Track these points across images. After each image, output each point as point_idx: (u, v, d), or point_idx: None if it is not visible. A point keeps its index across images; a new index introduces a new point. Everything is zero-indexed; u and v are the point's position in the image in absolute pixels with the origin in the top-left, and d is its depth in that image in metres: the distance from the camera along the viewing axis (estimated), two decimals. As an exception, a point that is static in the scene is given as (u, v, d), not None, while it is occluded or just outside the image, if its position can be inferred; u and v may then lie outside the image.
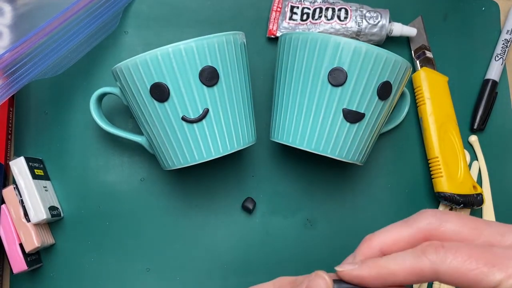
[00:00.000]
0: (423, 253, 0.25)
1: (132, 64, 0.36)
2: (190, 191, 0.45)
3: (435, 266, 0.24)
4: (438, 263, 0.24)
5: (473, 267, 0.24)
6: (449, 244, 0.25)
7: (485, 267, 0.24)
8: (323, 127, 0.38)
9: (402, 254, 0.26)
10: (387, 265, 0.26)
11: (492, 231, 0.26)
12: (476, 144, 0.48)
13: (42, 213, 0.41)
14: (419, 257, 0.25)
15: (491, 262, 0.24)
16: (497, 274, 0.24)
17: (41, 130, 0.45)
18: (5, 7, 0.40)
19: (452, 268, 0.24)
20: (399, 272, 0.25)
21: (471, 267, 0.24)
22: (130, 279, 0.44)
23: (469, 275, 0.24)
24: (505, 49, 0.50)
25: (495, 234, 0.26)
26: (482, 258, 0.24)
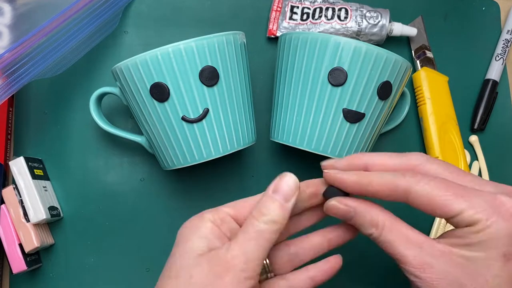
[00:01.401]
0: (402, 174, 0.28)
1: (132, 64, 0.36)
2: (190, 191, 0.45)
3: (408, 185, 0.27)
4: (412, 184, 0.27)
5: (441, 193, 0.27)
6: (429, 173, 0.28)
7: (452, 196, 0.26)
8: (323, 127, 0.38)
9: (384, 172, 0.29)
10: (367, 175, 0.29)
11: (472, 180, 0.29)
12: (477, 144, 0.48)
13: (42, 213, 0.41)
14: (397, 175, 0.28)
15: (459, 193, 0.27)
16: (461, 203, 0.26)
17: (41, 130, 0.45)
18: (5, 7, 0.40)
19: (422, 191, 0.27)
20: (375, 183, 0.29)
21: (440, 194, 0.27)
22: (130, 279, 0.44)
23: (436, 199, 0.27)
24: (505, 49, 0.50)
25: (474, 184, 0.28)
26: (452, 189, 0.27)
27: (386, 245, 0.29)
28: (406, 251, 0.27)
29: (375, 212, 0.29)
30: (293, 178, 0.29)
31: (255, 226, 0.28)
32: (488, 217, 0.26)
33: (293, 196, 0.29)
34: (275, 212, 0.28)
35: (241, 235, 0.28)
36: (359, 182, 0.29)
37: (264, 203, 0.28)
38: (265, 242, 0.28)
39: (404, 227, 0.28)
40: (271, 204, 0.28)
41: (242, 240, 0.28)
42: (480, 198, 0.26)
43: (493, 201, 0.26)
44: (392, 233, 0.28)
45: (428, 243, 0.27)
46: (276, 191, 0.29)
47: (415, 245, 0.27)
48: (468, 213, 0.26)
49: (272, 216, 0.28)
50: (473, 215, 0.26)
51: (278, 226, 0.28)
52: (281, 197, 0.29)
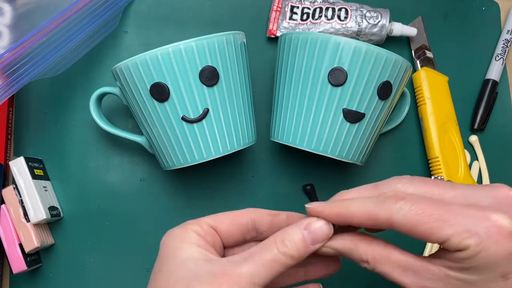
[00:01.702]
0: (383, 201, 0.26)
1: (132, 64, 0.36)
2: (190, 191, 0.45)
3: (390, 215, 0.26)
4: (394, 213, 0.26)
5: (425, 220, 0.25)
6: (410, 196, 0.26)
7: (437, 222, 0.25)
8: (323, 127, 0.38)
9: (365, 200, 0.28)
10: (347, 207, 0.28)
11: (456, 193, 0.27)
12: (477, 144, 0.48)
13: (42, 213, 0.41)
14: (378, 204, 0.26)
15: (443, 218, 0.25)
16: (446, 229, 0.24)
17: (41, 130, 0.45)
18: (5, 7, 0.40)
19: (406, 218, 0.25)
20: (356, 215, 0.27)
21: (424, 220, 0.25)
22: (130, 279, 0.44)
23: (420, 227, 0.25)
24: (505, 49, 0.50)
25: (458, 196, 0.27)
26: (436, 213, 0.25)
27: (382, 275, 0.28)
28: (402, 278, 0.27)
29: (362, 249, 0.28)
30: (329, 226, 0.28)
31: (273, 254, 0.27)
32: (477, 242, 0.24)
33: (321, 242, 0.28)
34: (298, 248, 0.27)
35: (256, 256, 0.27)
36: (340, 214, 0.28)
37: (291, 234, 0.28)
38: (274, 272, 0.27)
39: (395, 254, 0.27)
40: (297, 240, 0.28)
41: (255, 261, 0.27)
42: (466, 219, 0.25)
43: (482, 222, 0.24)
44: (384, 265, 0.27)
45: (423, 267, 0.27)
46: (307, 229, 0.28)
47: (410, 271, 0.27)
48: (456, 240, 0.24)
49: (294, 251, 0.27)
50: (461, 242, 0.24)
51: (293, 263, 0.28)
52: (311, 237, 0.28)
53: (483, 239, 0.24)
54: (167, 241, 0.30)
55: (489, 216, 0.24)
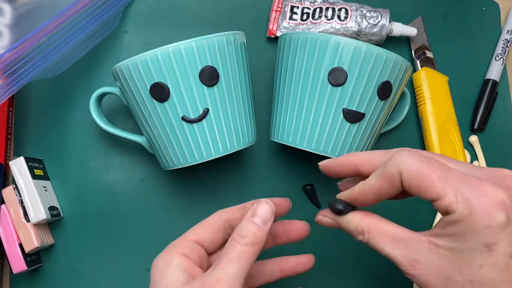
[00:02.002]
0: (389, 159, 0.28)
1: (132, 64, 0.36)
2: (190, 191, 0.45)
3: (399, 166, 0.27)
4: (400, 163, 0.27)
5: (428, 174, 0.26)
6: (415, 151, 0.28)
7: (437, 177, 0.26)
8: (323, 127, 0.38)
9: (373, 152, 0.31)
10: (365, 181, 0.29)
11: (458, 166, 0.28)
12: (477, 144, 0.48)
13: (42, 213, 0.41)
14: (386, 163, 0.28)
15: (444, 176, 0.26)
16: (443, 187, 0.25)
17: (41, 130, 0.45)
18: (5, 7, 0.40)
19: (411, 170, 0.26)
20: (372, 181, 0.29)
21: (426, 173, 0.26)
22: (130, 279, 0.44)
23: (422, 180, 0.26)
24: (505, 49, 0.50)
25: (460, 167, 0.28)
26: (438, 170, 0.26)
27: (376, 248, 0.29)
28: (395, 251, 0.28)
29: (358, 220, 0.30)
30: (268, 204, 0.31)
31: (236, 248, 0.29)
32: (466, 206, 0.25)
33: (270, 220, 0.31)
34: (254, 233, 0.30)
35: (224, 259, 0.29)
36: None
37: (244, 226, 0.30)
38: (246, 263, 0.29)
39: (389, 227, 0.29)
40: (250, 226, 0.30)
41: (225, 263, 0.29)
42: (462, 183, 0.25)
43: (475, 189, 0.25)
44: (378, 236, 0.29)
45: (414, 238, 0.27)
46: (254, 215, 0.31)
47: (403, 243, 0.28)
48: (445, 201, 0.25)
49: (252, 237, 0.30)
50: (450, 205, 0.25)
51: (257, 247, 0.30)
52: (259, 220, 0.31)
53: (472, 205, 0.25)
54: (154, 267, 0.31)
55: (484, 185, 0.25)
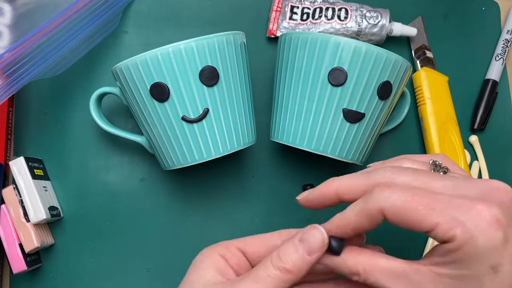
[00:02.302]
0: (370, 194, 0.26)
1: (132, 64, 0.36)
2: (190, 191, 0.45)
3: (379, 206, 0.25)
4: (383, 202, 0.25)
5: (414, 207, 0.24)
6: (396, 186, 0.26)
7: (425, 209, 0.24)
8: (323, 127, 0.38)
9: (354, 202, 0.27)
10: (343, 215, 0.27)
11: (445, 183, 0.26)
12: (477, 144, 0.48)
13: (42, 213, 0.41)
14: (366, 199, 0.26)
15: (430, 205, 0.24)
16: (434, 218, 0.24)
17: (41, 130, 0.45)
18: (5, 7, 0.40)
19: (395, 207, 0.25)
20: (351, 217, 0.27)
21: (412, 207, 0.24)
22: (130, 279, 0.44)
23: (410, 215, 0.24)
24: (505, 49, 0.50)
25: (447, 186, 0.26)
26: (424, 201, 0.24)
27: (375, 285, 0.27)
28: (395, 286, 0.26)
29: (351, 261, 0.27)
30: (322, 232, 0.27)
31: (267, 270, 0.27)
32: (463, 231, 0.23)
33: (318, 252, 0.27)
34: (294, 262, 0.27)
35: (252, 275, 0.27)
36: (339, 227, 0.28)
37: (286, 250, 0.27)
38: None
39: (384, 262, 0.26)
40: (292, 253, 0.27)
41: (251, 279, 0.27)
42: (453, 209, 0.24)
43: (468, 212, 0.24)
44: (374, 275, 0.26)
45: (413, 270, 0.26)
46: (302, 241, 0.27)
47: (403, 276, 0.26)
48: (442, 229, 0.24)
49: (290, 265, 0.27)
50: (447, 232, 0.24)
51: (292, 277, 0.27)
52: (306, 249, 0.27)
53: (470, 229, 0.23)
54: (195, 259, 0.31)
55: (476, 205, 0.24)
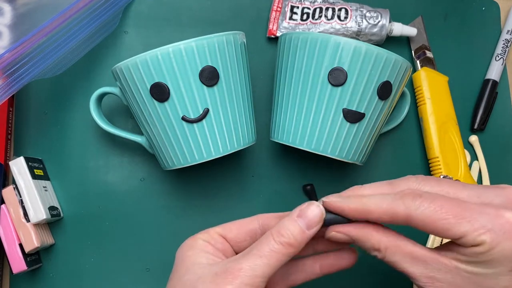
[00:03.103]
0: (401, 198, 0.28)
1: (132, 64, 0.36)
2: (190, 191, 0.45)
3: (408, 212, 0.27)
4: (412, 209, 0.27)
5: (443, 217, 0.26)
6: (427, 194, 0.27)
7: (454, 218, 0.26)
8: (323, 127, 0.38)
9: (383, 196, 0.29)
10: (366, 203, 0.29)
11: (469, 193, 0.28)
12: (477, 144, 0.48)
13: (42, 213, 0.41)
14: (396, 200, 0.28)
15: (460, 215, 0.26)
16: (463, 226, 0.26)
17: (41, 130, 0.45)
18: (5, 7, 0.40)
19: (424, 215, 0.27)
20: (374, 211, 0.28)
21: (441, 217, 0.26)
22: (130, 279, 0.44)
23: (438, 223, 0.26)
24: (505, 49, 0.50)
25: (472, 195, 0.28)
26: (453, 210, 0.26)
27: (391, 264, 0.29)
28: (412, 268, 0.28)
29: (375, 238, 0.29)
30: (320, 208, 0.29)
31: (270, 245, 0.28)
32: (492, 238, 0.26)
33: (316, 226, 0.29)
34: (294, 236, 0.28)
35: (254, 250, 0.28)
36: (357, 210, 0.29)
37: (286, 225, 0.29)
38: (275, 262, 0.28)
39: (407, 245, 0.28)
40: (293, 228, 0.28)
41: (254, 255, 0.28)
42: (482, 217, 0.26)
43: (496, 219, 0.26)
44: (395, 254, 0.28)
45: (433, 258, 0.28)
46: (300, 216, 0.29)
47: (421, 261, 0.28)
48: (471, 236, 0.26)
49: (290, 239, 0.28)
50: (477, 237, 0.26)
51: (293, 250, 0.28)
52: (304, 223, 0.29)
53: (498, 235, 0.26)
54: (178, 252, 0.31)
55: (503, 214, 0.26)
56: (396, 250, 0.28)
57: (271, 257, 0.28)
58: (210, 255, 0.30)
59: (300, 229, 0.29)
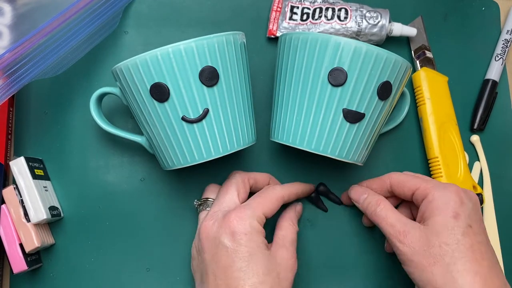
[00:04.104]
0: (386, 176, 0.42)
1: (132, 64, 0.36)
2: (190, 191, 0.45)
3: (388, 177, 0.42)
4: (391, 175, 0.42)
5: (407, 179, 0.40)
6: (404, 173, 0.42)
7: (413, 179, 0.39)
8: (323, 127, 0.38)
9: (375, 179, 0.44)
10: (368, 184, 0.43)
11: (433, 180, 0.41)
12: (478, 144, 0.48)
13: (42, 213, 0.41)
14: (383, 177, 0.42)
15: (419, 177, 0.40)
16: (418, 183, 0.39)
17: (41, 130, 0.45)
18: (5, 7, 0.41)
19: (397, 178, 0.41)
20: (371, 182, 0.43)
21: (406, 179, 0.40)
22: (130, 279, 0.44)
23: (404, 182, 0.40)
24: (505, 49, 0.50)
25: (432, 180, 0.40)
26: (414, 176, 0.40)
27: (382, 218, 0.39)
28: (396, 222, 0.38)
29: (380, 197, 0.41)
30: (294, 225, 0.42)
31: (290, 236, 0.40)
32: (436, 190, 0.37)
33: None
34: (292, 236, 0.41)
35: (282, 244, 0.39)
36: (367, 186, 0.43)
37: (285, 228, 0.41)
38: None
39: (396, 211, 0.39)
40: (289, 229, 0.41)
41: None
42: (432, 181, 0.39)
43: (441, 184, 0.38)
44: (388, 211, 0.39)
45: (409, 221, 0.38)
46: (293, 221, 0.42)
47: (402, 221, 0.38)
48: (422, 188, 0.38)
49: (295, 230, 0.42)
50: (426, 189, 0.38)
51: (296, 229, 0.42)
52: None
53: (440, 189, 0.37)
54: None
55: (447, 183, 0.38)
56: (389, 208, 0.39)
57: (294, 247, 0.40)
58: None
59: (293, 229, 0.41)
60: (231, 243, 0.35)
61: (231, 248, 0.35)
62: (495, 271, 0.35)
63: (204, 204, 0.42)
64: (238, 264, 0.35)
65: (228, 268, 0.35)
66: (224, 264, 0.35)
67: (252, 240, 0.36)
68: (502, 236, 0.47)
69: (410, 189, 0.39)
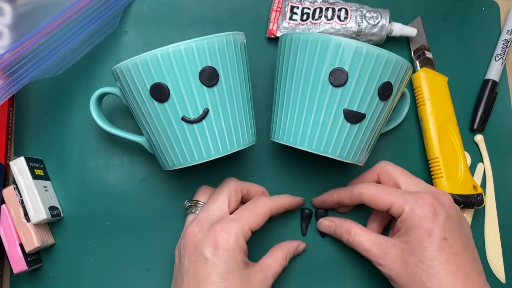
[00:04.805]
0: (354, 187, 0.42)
1: (132, 64, 0.36)
2: (190, 191, 0.45)
3: (359, 191, 0.40)
4: (362, 189, 0.40)
5: (380, 193, 0.39)
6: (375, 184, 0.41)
7: (387, 194, 0.39)
8: (323, 127, 0.38)
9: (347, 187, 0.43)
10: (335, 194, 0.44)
11: (413, 182, 0.41)
12: (482, 144, 0.48)
13: (42, 213, 0.41)
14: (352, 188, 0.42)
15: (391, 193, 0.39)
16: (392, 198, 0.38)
17: (41, 130, 0.45)
18: (5, 7, 0.40)
19: (368, 192, 0.40)
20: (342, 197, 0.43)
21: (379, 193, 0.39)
22: (130, 279, 0.44)
23: (377, 197, 0.39)
24: (505, 49, 0.50)
25: (413, 186, 0.40)
26: (387, 190, 0.39)
27: (357, 245, 0.40)
28: (371, 246, 0.39)
29: (348, 224, 0.42)
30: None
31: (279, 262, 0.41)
32: (410, 207, 0.37)
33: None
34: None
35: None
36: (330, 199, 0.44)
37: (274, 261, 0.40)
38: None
39: (368, 233, 0.40)
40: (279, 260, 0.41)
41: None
42: (405, 194, 0.38)
43: (415, 196, 0.38)
44: (361, 236, 0.40)
45: (384, 240, 0.39)
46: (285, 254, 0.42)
47: (377, 243, 0.39)
48: (396, 205, 0.38)
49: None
50: (400, 207, 0.38)
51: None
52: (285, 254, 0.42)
53: (413, 205, 0.37)
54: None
55: (420, 193, 0.38)
56: (361, 233, 0.40)
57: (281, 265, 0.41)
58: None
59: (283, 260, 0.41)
60: (211, 256, 0.35)
61: (211, 261, 0.35)
62: (471, 278, 0.35)
63: (194, 206, 0.42)
64: (214, 279, 0.35)
65: (203, 280, 0.35)
66: (200, 275, 0.35)
67: (233, 256, 0.35)
68: (503, 236, 0.47)
69: (385, 206, 0.39)
